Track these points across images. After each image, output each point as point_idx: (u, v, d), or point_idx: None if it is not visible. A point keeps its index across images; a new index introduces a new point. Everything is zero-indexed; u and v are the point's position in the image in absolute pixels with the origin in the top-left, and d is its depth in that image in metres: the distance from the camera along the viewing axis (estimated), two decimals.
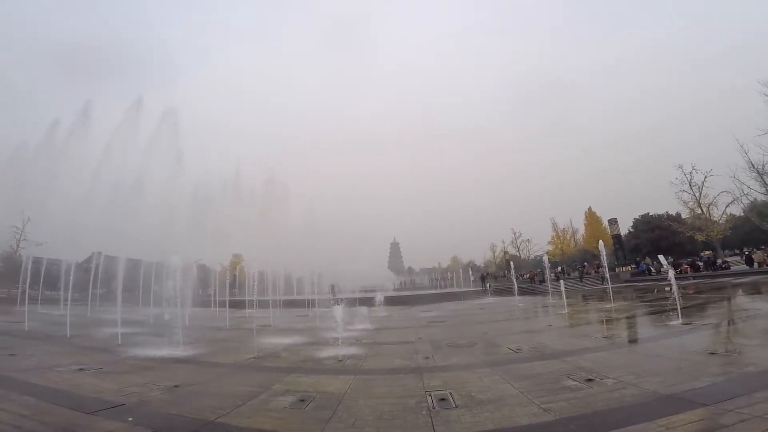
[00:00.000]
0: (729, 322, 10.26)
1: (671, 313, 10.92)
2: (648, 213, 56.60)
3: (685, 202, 39.00)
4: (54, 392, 5.56)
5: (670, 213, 48.49)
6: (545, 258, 29.24)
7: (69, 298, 15.90)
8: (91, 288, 26.71)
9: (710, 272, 30.34)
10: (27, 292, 20.88)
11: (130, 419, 4.39)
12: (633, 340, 8.94)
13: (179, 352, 9.59)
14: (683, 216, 42.99)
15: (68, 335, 11.98)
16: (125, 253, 15.20)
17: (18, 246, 41.21)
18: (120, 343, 10.61)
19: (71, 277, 16.03)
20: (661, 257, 36.22)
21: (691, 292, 19.08)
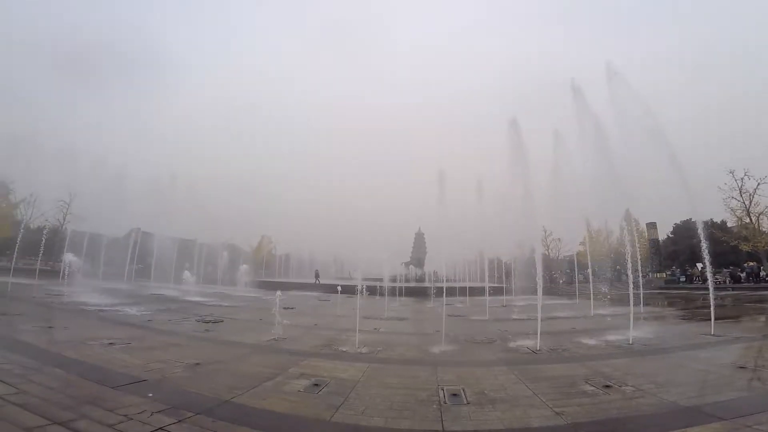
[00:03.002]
0: (765, 336, 9.76)
1: (703, 323, 10.50)
2: (690, 219, 53.90)
3: (732, 210, 36.75)
4: (83, 366, 5.84)
5: (715, 221, 46.00)
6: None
7: (107, 272, 16.78)
8: (128, 263, 28.08)
9: (752, 284, 28.76)
10: (69, 266, 22.06)
11: (150, 395, 4.58)
12: (658, 349, 8.64)
13: (204, 330, 10.02)
14: (729, 224, 40.64)
15: (104, 309, 12.65)
16: (162, 230, 15.88)
17: (65, 220, 43.77)
18: (150, 319, 11.12)
19: (111, 252, 16.95)
20: (699, 265, 34.56)
21: (728, 303, 18.16)
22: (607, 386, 5.44)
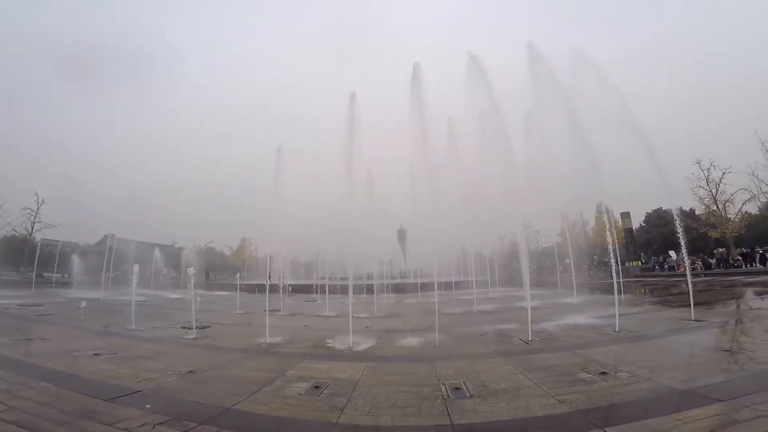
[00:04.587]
0: (740, 320, 10.19)
1: (682, 309, 10.88)
2: (661, 208, 55.88)
3: (701, 198, 38.37)
4: (72, 378, 5.63)
5: (684, 209, 47.81)
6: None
7: (81, 282, 16.20)
8: (104, 271, 27.13)
9: (722, 269, 30.05)
10: (41, 275, 21.27)
11: (148, 406, 4.43)
12: (644, 335, 8.91)
13: (191, 336, 9.78)
14: (697, 212, 42.35)
15: (82, 318, 12.19)
16: (137, 236, 15.40)
17: (32, 229, 41.92)
18: (133, 327, 10.80)
19: (85, 260, 16.38)
20: (672, 253, 35.92)
21: (702, 288, 18.91)
22: (603, 373, 5.58)
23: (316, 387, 5.42)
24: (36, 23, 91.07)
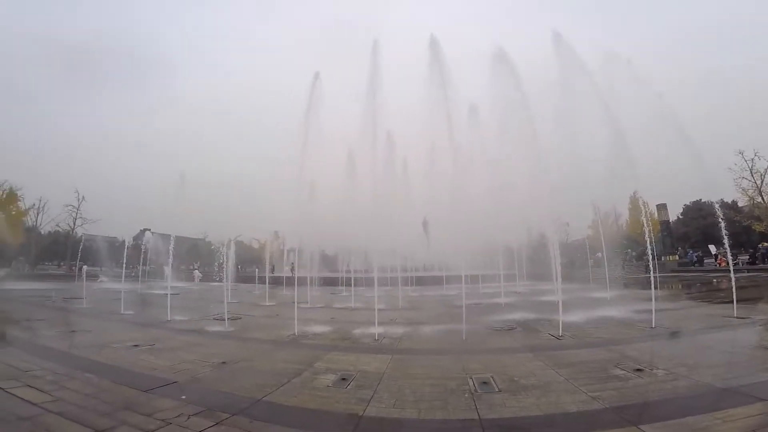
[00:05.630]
0: None
1: (724, 306, 10.38)
2: (700, 199, 53.34)
3: (744, 190, 36.37)
4: (112, 369, 5.86)
5: (726, 201, 45.45)
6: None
7: (119, 274, 16.94)
8: (140, 264, 28.35)
9: (767, 265, 28.42)
10: (82, 269, 22.47)
11: (184, 397, 4.56)
12: (682, 332, 8.55)
13: (223, 327, 10.06)
14: (740, 204, 40.19)
15: (122, 310, 12.78)
16: (173, 230, 15.89)
17: (74, 224, 44.24)
18: (169, 318, 11.20)
19: (123, 254, 17.15)
20: (712, 247, 34.25)
21: (746, 284, 17.96)
22: (638, 370, 5.38)
23: (343, 379, 5.47)
24: (74, 21, 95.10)
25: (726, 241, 11.37)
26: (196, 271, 37.90)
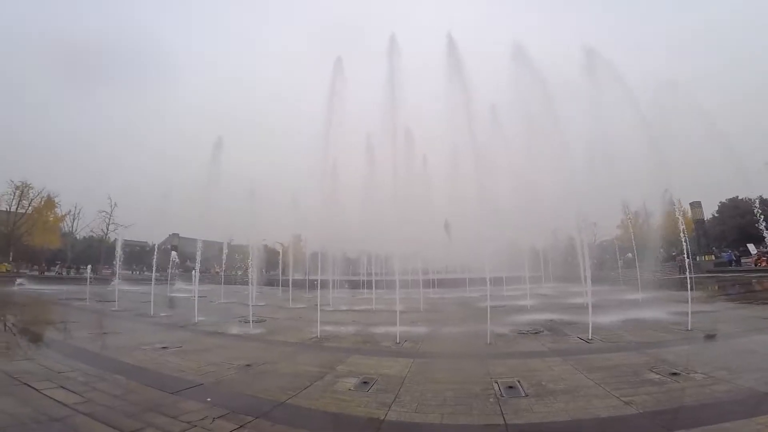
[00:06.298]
0: None
1: (765, 308, 9.82)
2: (737, 197, 50.88)
3: None
4: (141, 371, 6.00)
5: (765, 198, 43.25)
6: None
7: (148, 278, 17.49)
8: (169, 267, 29.15)
9: None
10: (117, 273, 23.32)
11: (209, 400, 4.60)
12: (721, 335, 8.12)
13: (248, 330, 10.17)
14: None
15: (152, 313, 13.17)
16: (200, 234, 16.33)
17: (107, 229, 45.95)
18: (196, 321, 11.45)
19: (153, 258, 17.72)
20: (751, 246, 32.60)
21: None
22: (674, 374, 5.12)
23: (365, 383, 5.43)
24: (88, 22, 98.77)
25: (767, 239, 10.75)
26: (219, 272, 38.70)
